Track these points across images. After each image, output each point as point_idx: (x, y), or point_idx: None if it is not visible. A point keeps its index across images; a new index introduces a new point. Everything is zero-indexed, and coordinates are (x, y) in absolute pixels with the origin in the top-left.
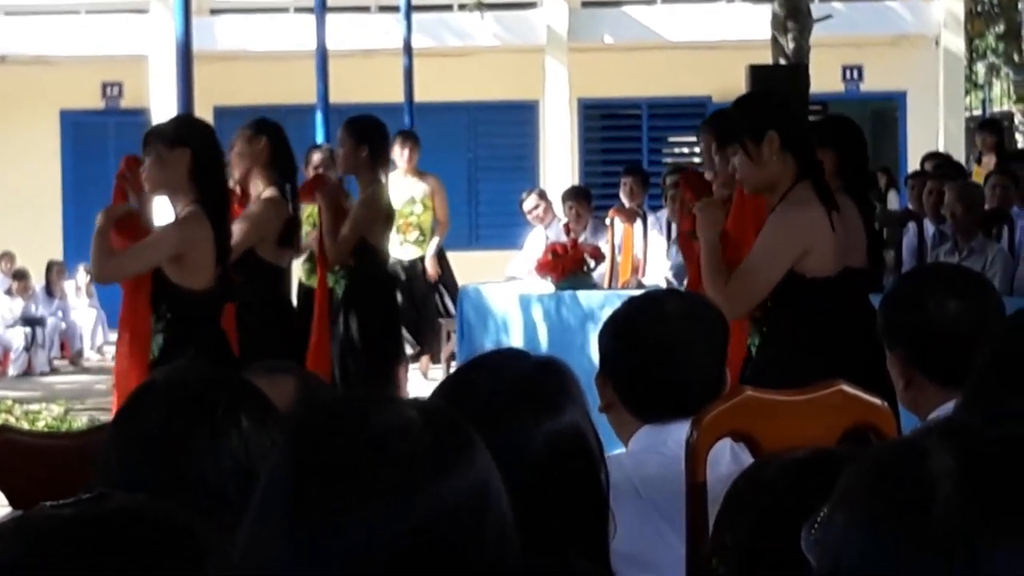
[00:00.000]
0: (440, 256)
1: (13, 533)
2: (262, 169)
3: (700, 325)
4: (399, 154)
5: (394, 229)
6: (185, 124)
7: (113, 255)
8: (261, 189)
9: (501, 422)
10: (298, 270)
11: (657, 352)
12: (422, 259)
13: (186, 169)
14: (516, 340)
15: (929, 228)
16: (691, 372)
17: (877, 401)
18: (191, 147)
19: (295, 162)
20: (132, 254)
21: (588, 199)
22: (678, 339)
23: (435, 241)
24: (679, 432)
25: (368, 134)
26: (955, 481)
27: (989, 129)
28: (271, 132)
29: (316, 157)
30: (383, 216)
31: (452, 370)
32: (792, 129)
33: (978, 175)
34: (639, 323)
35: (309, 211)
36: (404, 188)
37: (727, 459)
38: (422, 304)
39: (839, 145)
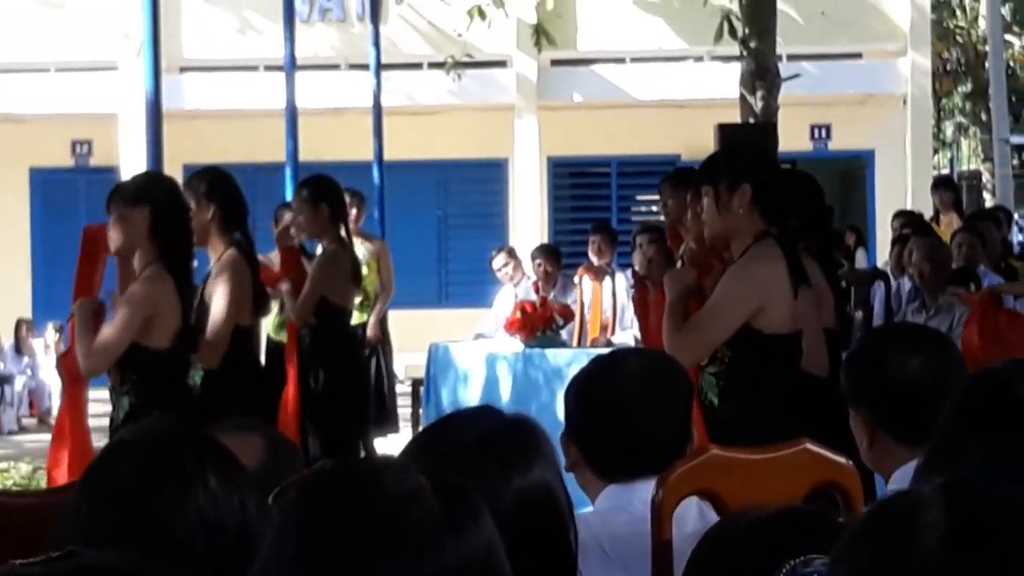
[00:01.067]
0: (381, 321)
1: None
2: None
3: (663, 383)
4: None
5: None
6: (144, 181)
7: (95, 348)
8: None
9: (470, 477)
10: (267, 325)
11: (618, 412)
12: (363, 325)
13: (146, 226)
14: (483, 398)
15: (905, 284)
16: (654, 430)
17: (842, 459)
18: (150, 204)
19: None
20: (114, 339)
21: (557, 257)
22: (640, 398)
23: (378, 306)
24: (644, 490)
25: (325, 193)
26: (941, 535)
27: (945, 186)
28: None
29: (287, 216)
30: (344, 274)
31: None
32: (767, 187)
33: (940, 233)
34: (601, 383)
35: None
36: None
37: (693, 517)
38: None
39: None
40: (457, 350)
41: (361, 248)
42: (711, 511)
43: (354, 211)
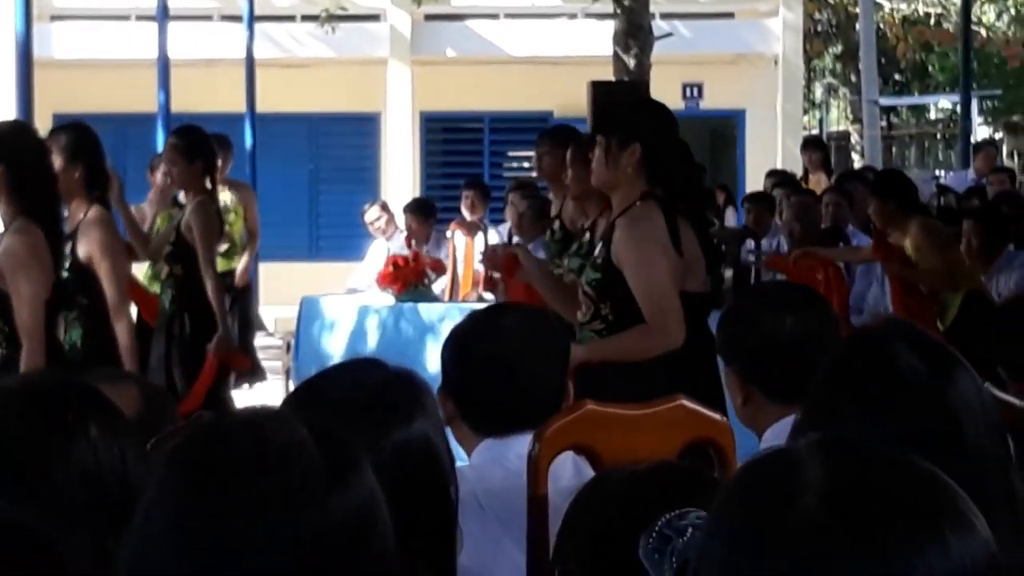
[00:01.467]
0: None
1: None
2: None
3: (540, 337)
4: None
5: None
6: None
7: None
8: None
9: (350, 429)
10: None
11: (495, 366)
12: (231, 272)
13: (3, 182)
14: (354, 351)
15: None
16: (530, 385)
17: (717, 416)
18: (4, 162)
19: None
20: (28, 305)
21: (430, 212)
22: (517, 352)
23: (246, 254)
24: (520, 445)
25: (200, 148)
26: (820, 494)
27: (814, 146)
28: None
29: (161, 165)
30: (216, 225)
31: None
32: (658, 150)
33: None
34: (478, 337)
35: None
36: None
37: (569, 472)
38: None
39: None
40: (328, 303)
41: (227, 195)
42: (587, 466)
43: (220, 159)
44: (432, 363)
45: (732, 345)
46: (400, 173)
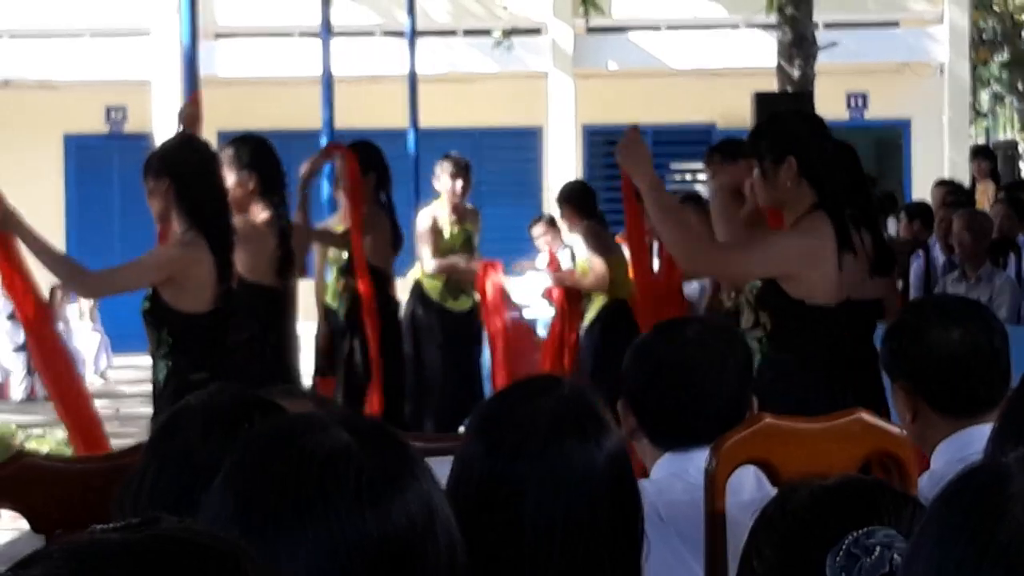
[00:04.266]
0: None
1: (61, 558)
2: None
3: (721, 351)
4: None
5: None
6: (167, 152)
7: (85, 272)
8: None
9: (567, 443)
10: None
11: (675, 379)
12: None
13: (172, 197)
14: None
15: (939, 257)
16: (711, 399)
17: (896, 429)
18: (170, 176)
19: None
20: (117, 273)
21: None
22: (698, 365)
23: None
24: (701, 459)
25: (371, 161)
26: None
27: (983, 156)
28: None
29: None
30: (391, 240)
31: None
32: (813, 158)
33: (978, 203)
34: (659, 350)
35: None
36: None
37: (751, 486)
38: None
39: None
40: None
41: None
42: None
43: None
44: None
45: (899, 360)
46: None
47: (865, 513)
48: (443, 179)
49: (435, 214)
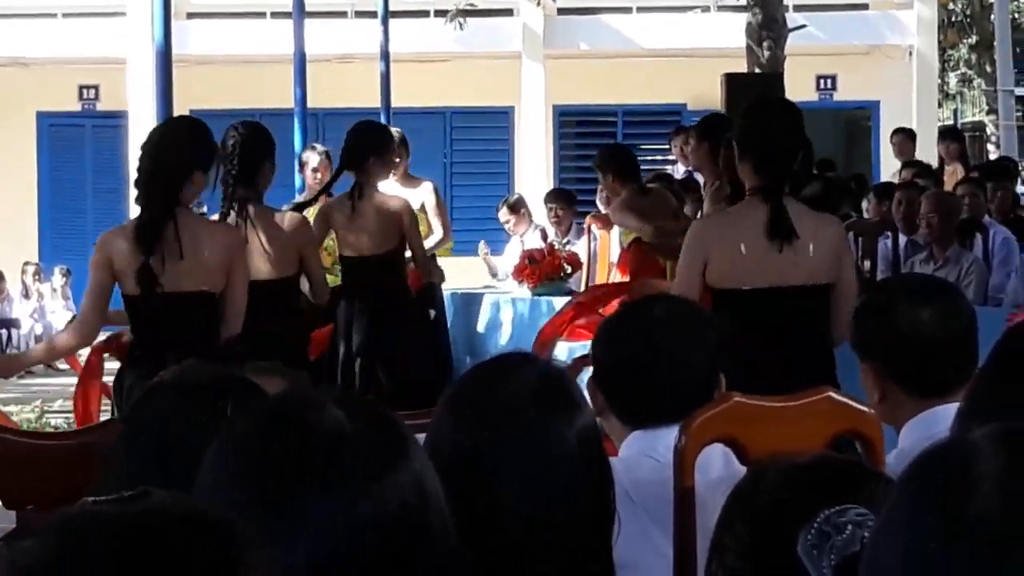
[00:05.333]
0: None
1: (56, 530)
2: None
3: (689, 329)
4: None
5: None
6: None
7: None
8: None
9: (539, 419)
10: None
11: (644, 357)
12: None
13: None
14: (493, 345)
15: (901, 238)
16: (679, 376)
17: (865, 408)
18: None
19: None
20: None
21: (571, 202)
22: (666, 344)
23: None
24: (669, 437)
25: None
26: (999, 483)
27: (951, 137)
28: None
29: (314, 158)
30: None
31: None
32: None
33: (946, 184)
34: (627, 328)
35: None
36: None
37: (719, 464)
38: None
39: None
40: (465, 297)
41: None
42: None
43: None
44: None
45: (867, 340)
46: (534, 167)
47: (838, 491)
48: None
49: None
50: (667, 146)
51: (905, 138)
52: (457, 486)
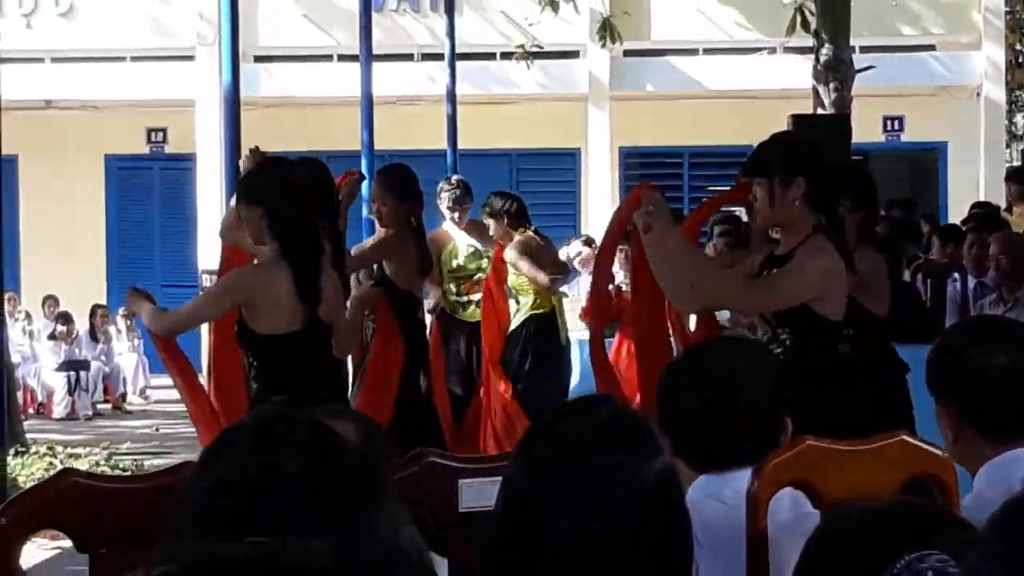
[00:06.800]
0: None
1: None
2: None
3: (756, 370)
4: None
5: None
6: (256, 181)
7: (164, 314)
8: None
9: (612, 456)
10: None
11: (711, 401)
12: None
13: (265, 225)
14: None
15: (970, 280)
16: (747, 420)
17: (938, 451)
18: (263, 206)
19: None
20: (185, 308)
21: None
22: (733, 388)
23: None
24: (736, 481)
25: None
26: None
27: (1016, 178)
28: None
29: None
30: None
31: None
32: (821, 182)
33: (1014, 225)
34: (694, 371)
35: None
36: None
37: (787, 506)
38: None
39: (854, 194)
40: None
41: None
42: (805, 501)
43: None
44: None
45: (943, 381)
46: (600, 208)
47: (918, 536)
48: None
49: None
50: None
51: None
52: (527, 529)
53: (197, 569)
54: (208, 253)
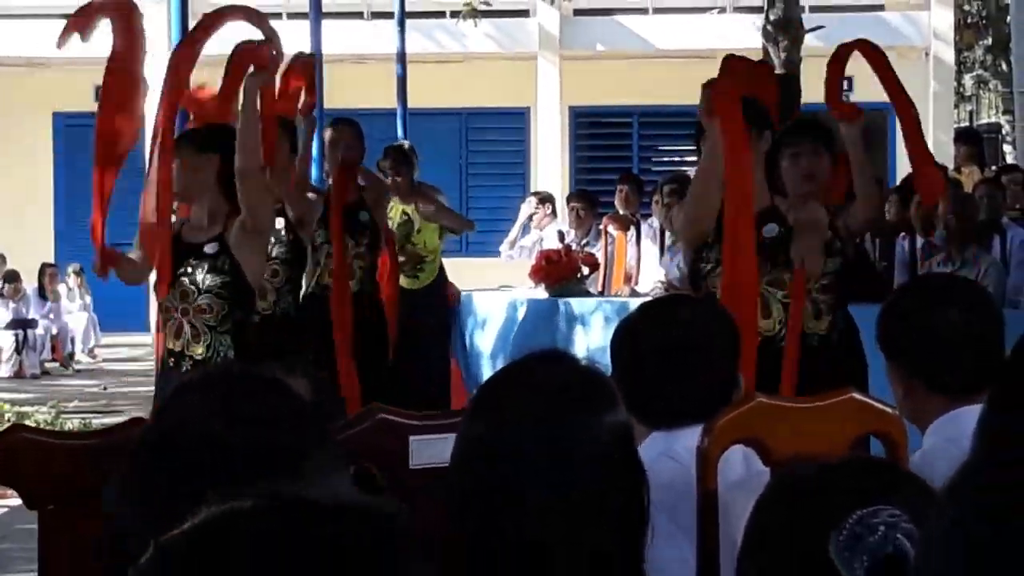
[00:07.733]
0: None
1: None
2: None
3: (710, 329)
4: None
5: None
6: (215, 130)
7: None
8: None
9: (570, 413)
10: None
11: (665, 357)
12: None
13: (215, 173)
14: (507, 344)
15: (918, 240)
16: (700, 377)
17: (889, 409)
18: (220, 153)
19: None
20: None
21: (594, 204)
22: (687, 343)
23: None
24: (688, 438)
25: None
26: None
27: (967, 139)
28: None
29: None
30: None
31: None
32: None
33: (964, 185)
34: (648, 328)
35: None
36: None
37: (738, 465)
38: None
39: None
40: (480, 298)
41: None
42: (757, 460)
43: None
44: (583, 355)
45: (893, 340)
46: (550, 168)
47: (870, 492)
48: None
49: None
50: (682, 147)
51: (967, 141)
52: (487, 485)
53: (217, 525)
54: None
